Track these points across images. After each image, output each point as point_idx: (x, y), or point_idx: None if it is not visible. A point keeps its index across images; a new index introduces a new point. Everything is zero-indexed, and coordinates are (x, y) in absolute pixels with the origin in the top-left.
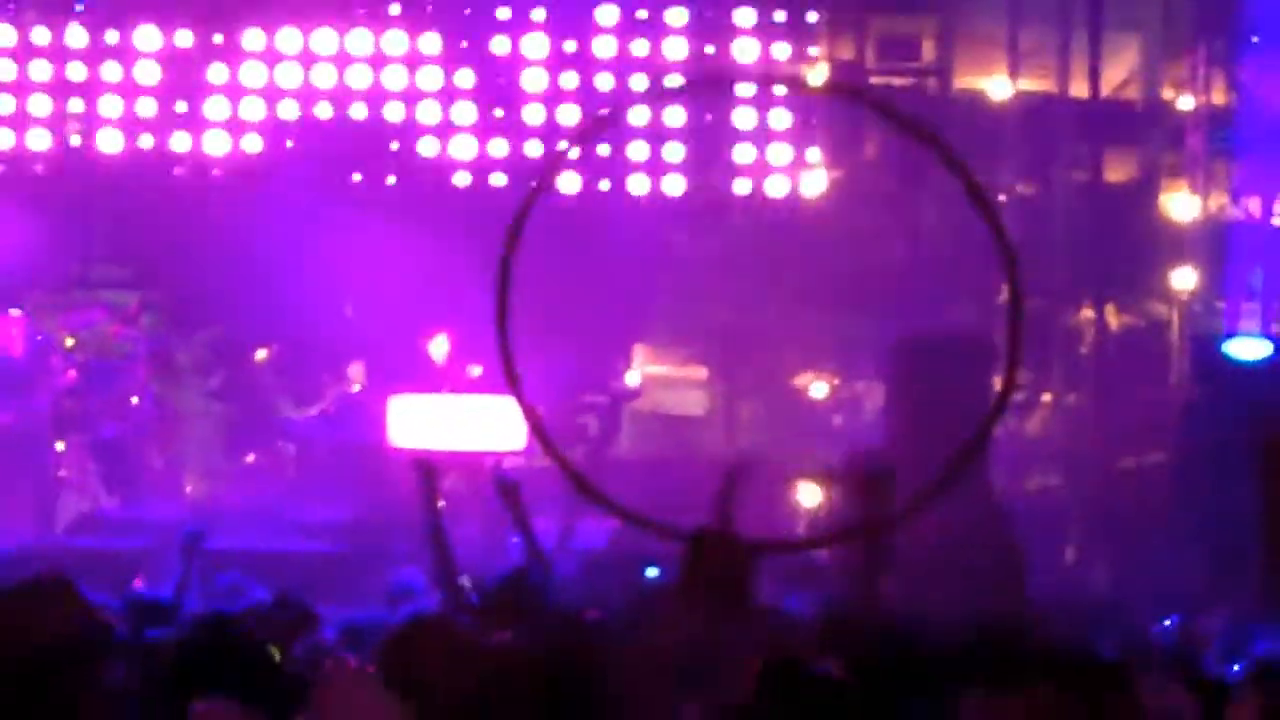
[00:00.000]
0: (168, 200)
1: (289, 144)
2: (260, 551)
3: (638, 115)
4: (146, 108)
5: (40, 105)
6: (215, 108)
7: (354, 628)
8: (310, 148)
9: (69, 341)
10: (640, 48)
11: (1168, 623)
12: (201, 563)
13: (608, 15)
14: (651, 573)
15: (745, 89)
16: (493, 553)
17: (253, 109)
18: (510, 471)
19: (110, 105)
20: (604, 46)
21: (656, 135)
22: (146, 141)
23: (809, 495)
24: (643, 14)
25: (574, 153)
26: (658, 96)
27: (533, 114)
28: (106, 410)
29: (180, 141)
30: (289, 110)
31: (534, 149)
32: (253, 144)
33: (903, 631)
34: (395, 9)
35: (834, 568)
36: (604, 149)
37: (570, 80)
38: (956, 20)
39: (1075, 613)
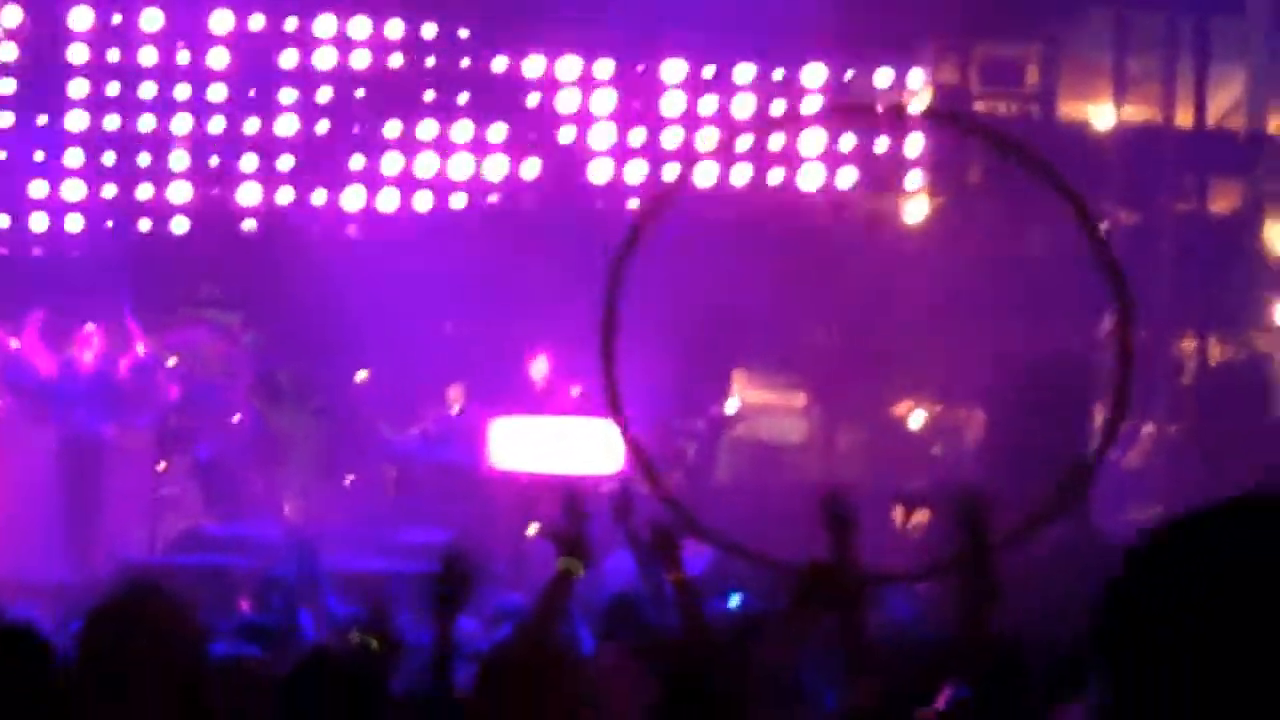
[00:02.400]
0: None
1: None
2: (359, 571)
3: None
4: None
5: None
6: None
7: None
8: None
9: (172, 360)
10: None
11: None
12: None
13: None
14: (734, 601)
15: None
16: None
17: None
18: (624, 491)
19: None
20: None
21: (759, 161)
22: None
23: (907, 523)
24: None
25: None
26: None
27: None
28: (208, 429)
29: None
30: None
31: (635, 173)
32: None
33: (1012, 655)
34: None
35: (942, 595)
36: (708, 177)
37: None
38: (1061, 46)
39: None
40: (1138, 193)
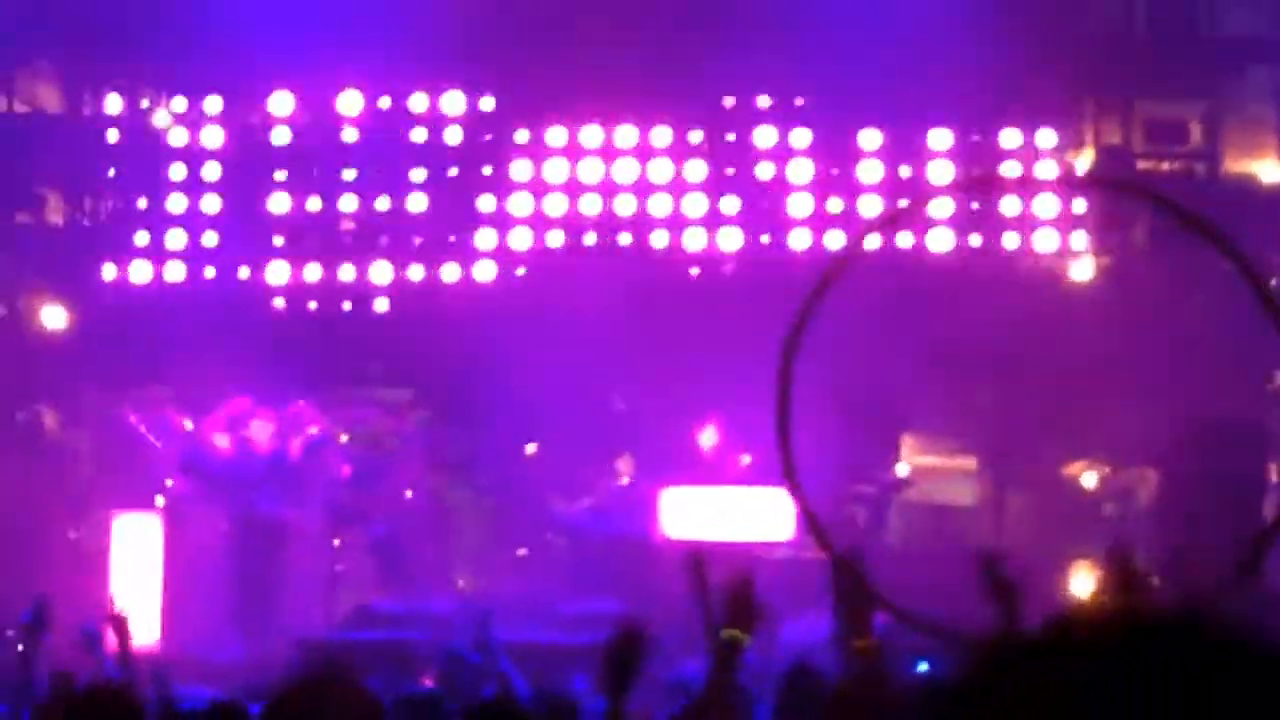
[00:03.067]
0: (439, 306)
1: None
2: (532, 643)
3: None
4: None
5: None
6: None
7: None
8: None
9: (344, 437)
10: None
11: None
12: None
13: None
14: (922, 668)
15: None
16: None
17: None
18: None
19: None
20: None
21: (923, 223)
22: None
23: (1082, 586)
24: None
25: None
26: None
27: (798, 205)
28: (380, 505)
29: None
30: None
31: (800, 241)
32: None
33: None
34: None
35: None
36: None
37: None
38: (1225, 103)
39: None
40: None
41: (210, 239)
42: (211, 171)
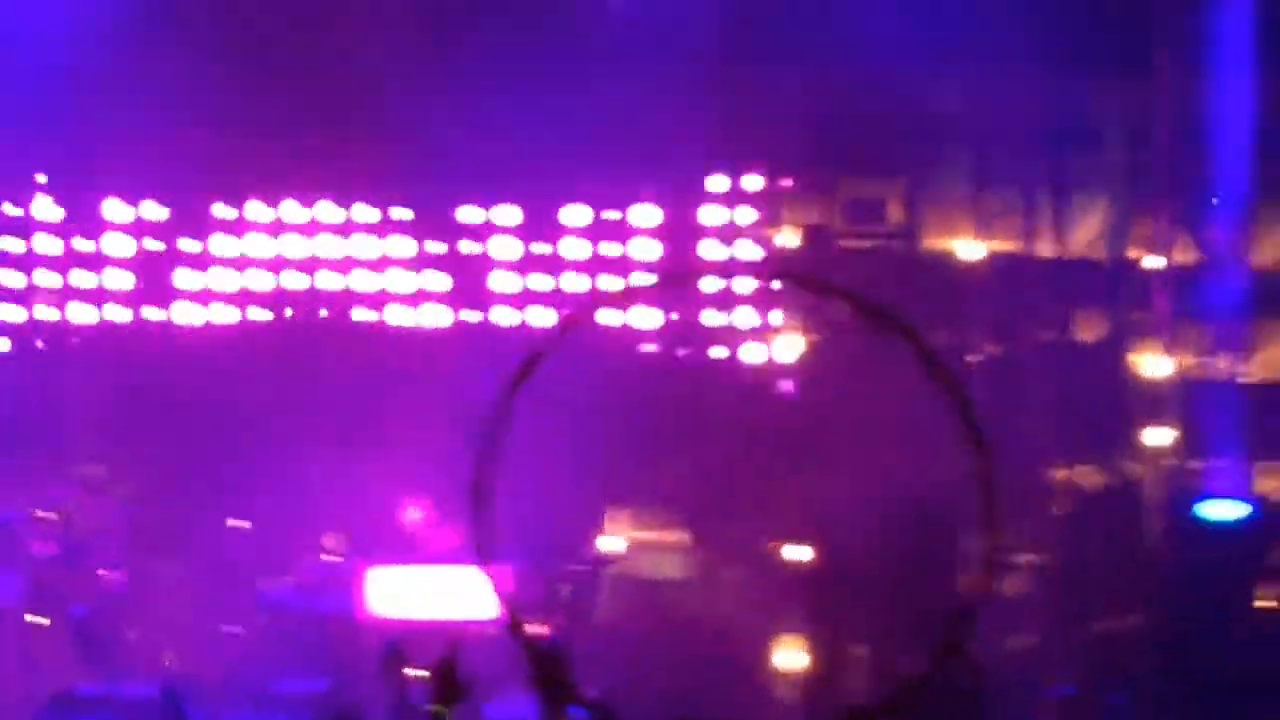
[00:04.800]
0: (136, 369)
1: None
2: None
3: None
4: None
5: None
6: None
7: None
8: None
9: (50, 516)
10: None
11: None
12: None
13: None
14: None
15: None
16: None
17: (224, 280)
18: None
19: (81, 277)
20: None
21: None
22: (117, 314)
23: (786, 661)
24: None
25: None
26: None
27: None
28: (81, 585)
29: (151, 313)
30: (260, 281)
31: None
32: (224, 315)
33: None
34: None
35: None
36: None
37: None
38: (923, 183)
39: None
40: (1003, 323)
41: None
42: None
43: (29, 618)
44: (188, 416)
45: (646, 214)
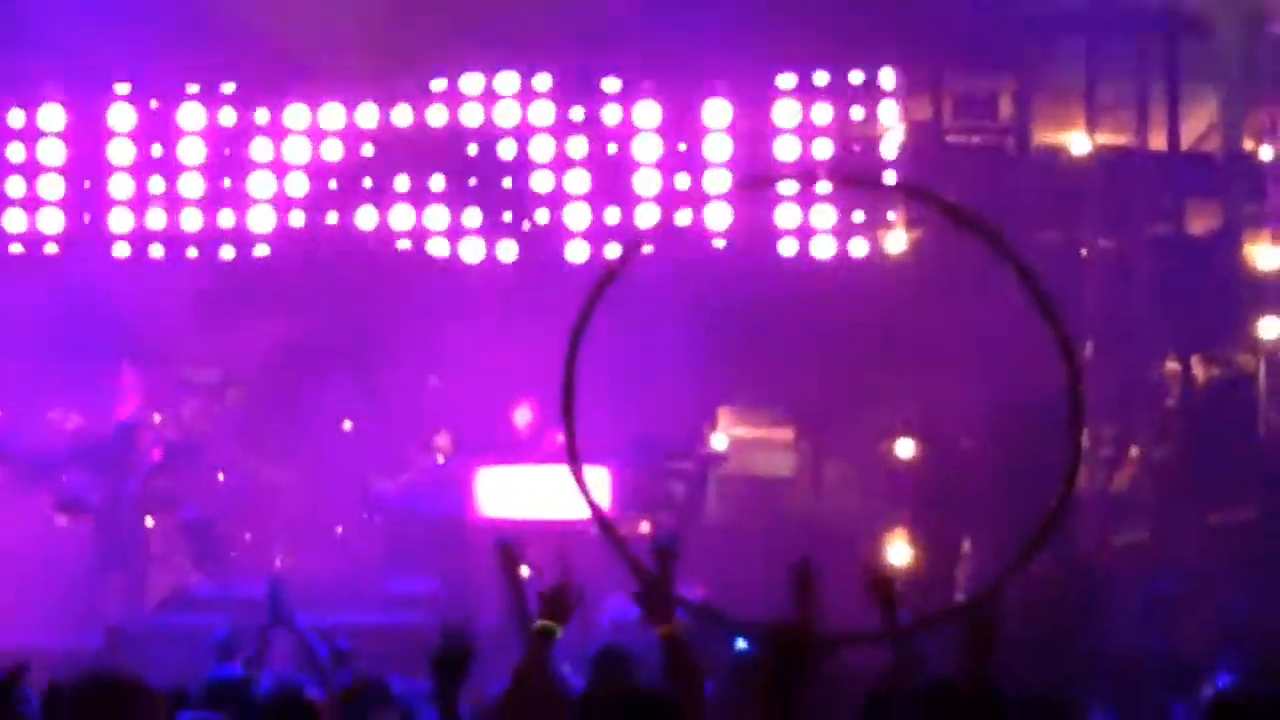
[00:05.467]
0: (250, 274)
1: None
2: (348, 624)
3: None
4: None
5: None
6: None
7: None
8: None
9: (156, 418)
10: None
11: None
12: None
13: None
14: (740, 645)
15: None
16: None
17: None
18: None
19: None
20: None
21: (746, 199)
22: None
23: (897, 555)
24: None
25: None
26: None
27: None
28: (193, 487)
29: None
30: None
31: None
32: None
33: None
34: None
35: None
36: (685, 216)
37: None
38: (1033, 77)
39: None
40: (1115, 218)
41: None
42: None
43: (146, 520)
44: (300, 319)
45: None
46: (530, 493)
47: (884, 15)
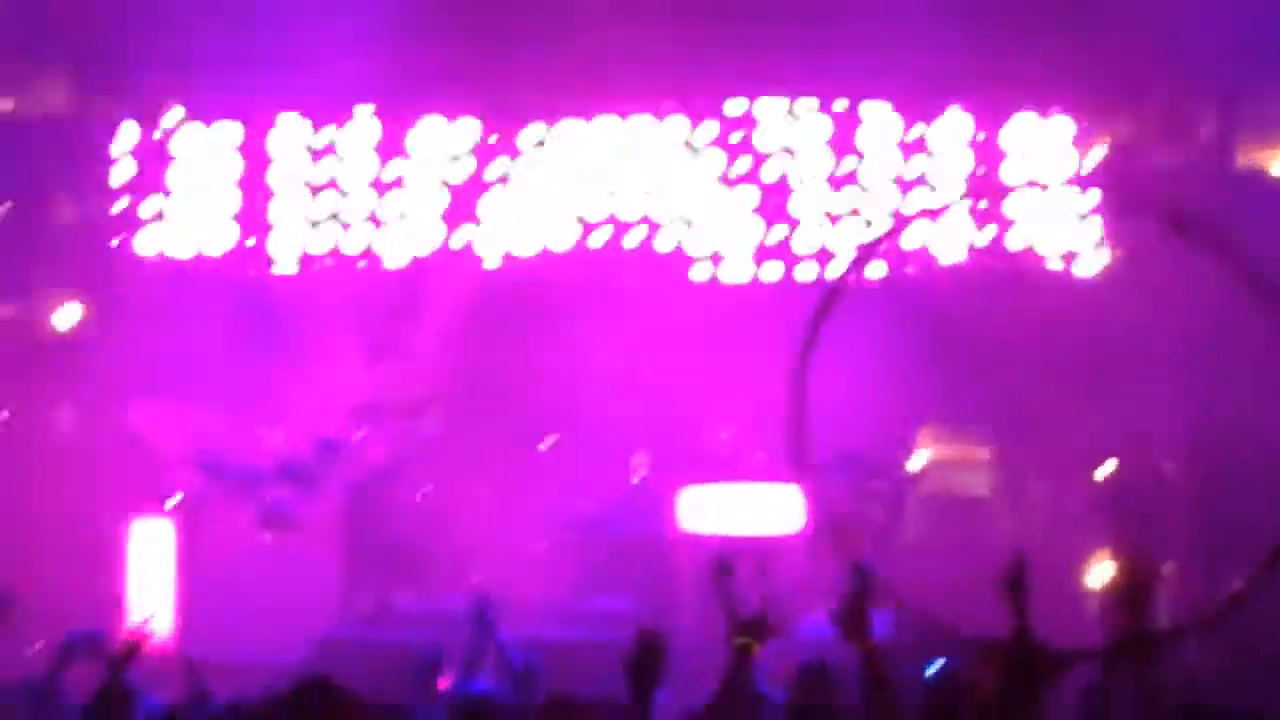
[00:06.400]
0: (453, 295)
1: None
2: (545, 640)
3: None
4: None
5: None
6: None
7: None
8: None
9: (357, 435)
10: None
11: None
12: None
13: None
14: (933, 667)
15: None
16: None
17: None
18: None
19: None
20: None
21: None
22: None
23: (1099, 578)
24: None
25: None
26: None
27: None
28: (395, 503)
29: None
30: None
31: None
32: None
33: None
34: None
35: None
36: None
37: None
38: (1236, 98)
39: None
40: None
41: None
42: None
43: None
44: (498, 339)
45: (960, 125)
46: (731, 511)
47: (1091, 37)
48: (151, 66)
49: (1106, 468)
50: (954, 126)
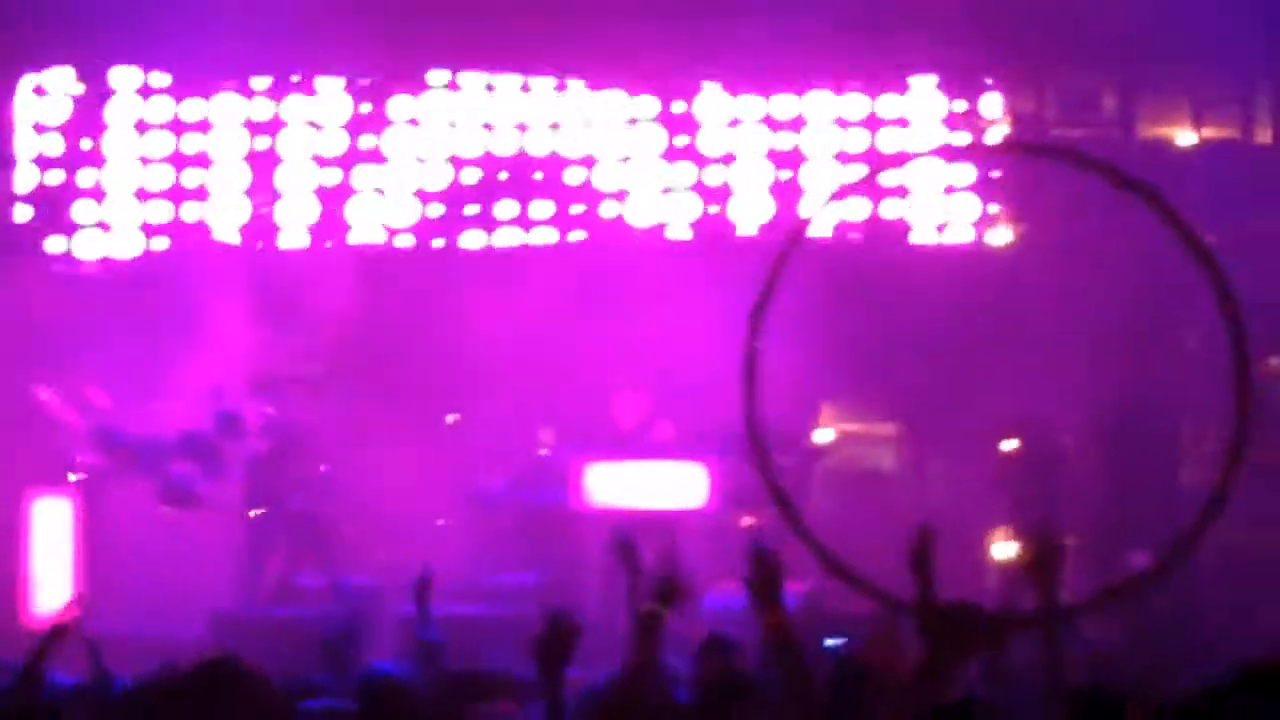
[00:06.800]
0: (353, 269)
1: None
2: (449, 616)
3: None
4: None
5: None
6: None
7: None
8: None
9: (258, 410)
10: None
11: None
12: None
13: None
14: (830, 643)
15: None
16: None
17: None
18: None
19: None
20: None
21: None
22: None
23: (1001, 553)
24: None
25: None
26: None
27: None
28: (297, 480)
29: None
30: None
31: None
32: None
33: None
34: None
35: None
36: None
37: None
38: (1138, 71)
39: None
40: (1219, 212)
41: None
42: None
43: (250, 512)
44: (405, 315)
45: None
46: (636, 487)
47: (991, 11)
48: None
49: (1010, 443)
50: (848, 102)
